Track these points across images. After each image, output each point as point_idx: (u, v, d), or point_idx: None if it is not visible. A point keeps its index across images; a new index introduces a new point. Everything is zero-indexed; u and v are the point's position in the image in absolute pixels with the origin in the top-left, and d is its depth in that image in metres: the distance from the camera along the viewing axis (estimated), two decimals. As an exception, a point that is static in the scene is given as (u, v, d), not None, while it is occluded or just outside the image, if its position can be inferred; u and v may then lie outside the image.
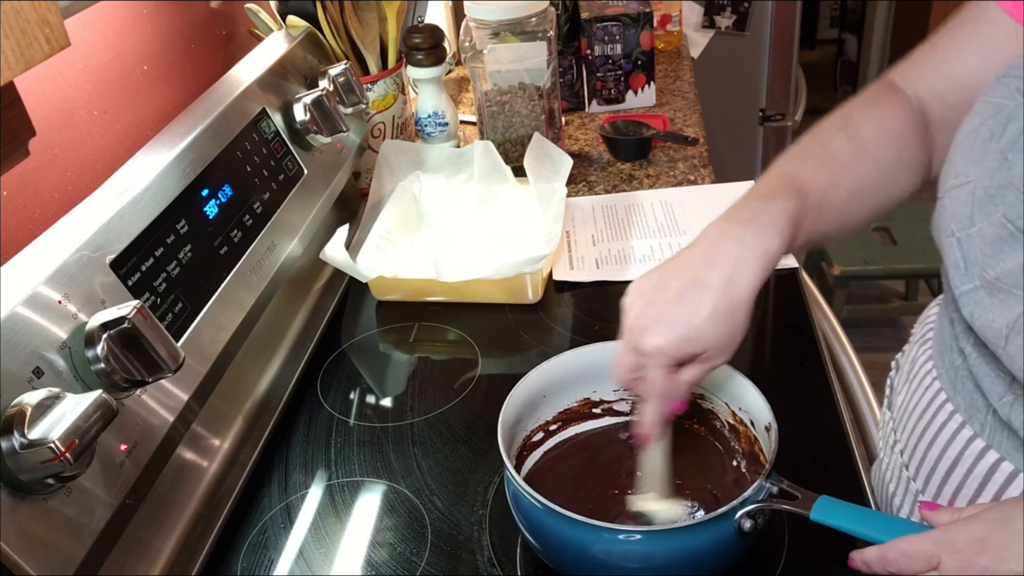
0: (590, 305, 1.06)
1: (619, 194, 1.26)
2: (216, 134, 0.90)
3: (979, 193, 0.58)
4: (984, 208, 0.57)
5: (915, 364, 0.74)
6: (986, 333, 0.57)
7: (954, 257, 0.60)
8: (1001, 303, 0.55)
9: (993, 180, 0.57)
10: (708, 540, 0.62)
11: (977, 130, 0.60)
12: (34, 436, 0.54)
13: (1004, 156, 0.56)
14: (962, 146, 0.61)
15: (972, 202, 0.58)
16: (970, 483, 0.64)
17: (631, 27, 1.47)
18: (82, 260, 0.67)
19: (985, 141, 0.59)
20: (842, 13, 4.35)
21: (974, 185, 0.58)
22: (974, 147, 0.60)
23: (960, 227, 0.59)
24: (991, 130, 0.58)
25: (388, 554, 0.75)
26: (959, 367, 0.65)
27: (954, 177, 0.61)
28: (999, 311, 0.55)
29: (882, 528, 0.58)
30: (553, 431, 0.79)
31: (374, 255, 1.04)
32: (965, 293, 0.59)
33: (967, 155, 0.60)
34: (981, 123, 0.60)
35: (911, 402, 0.72)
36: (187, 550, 0.75)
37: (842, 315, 2.45)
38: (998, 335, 0.55)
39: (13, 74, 0.44)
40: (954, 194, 0.60)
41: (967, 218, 0.58)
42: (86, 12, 0.89)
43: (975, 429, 0.64)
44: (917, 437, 0.70)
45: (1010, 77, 0.59)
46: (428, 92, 1.31)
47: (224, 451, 0.84)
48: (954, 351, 0.66)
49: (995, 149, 0.57)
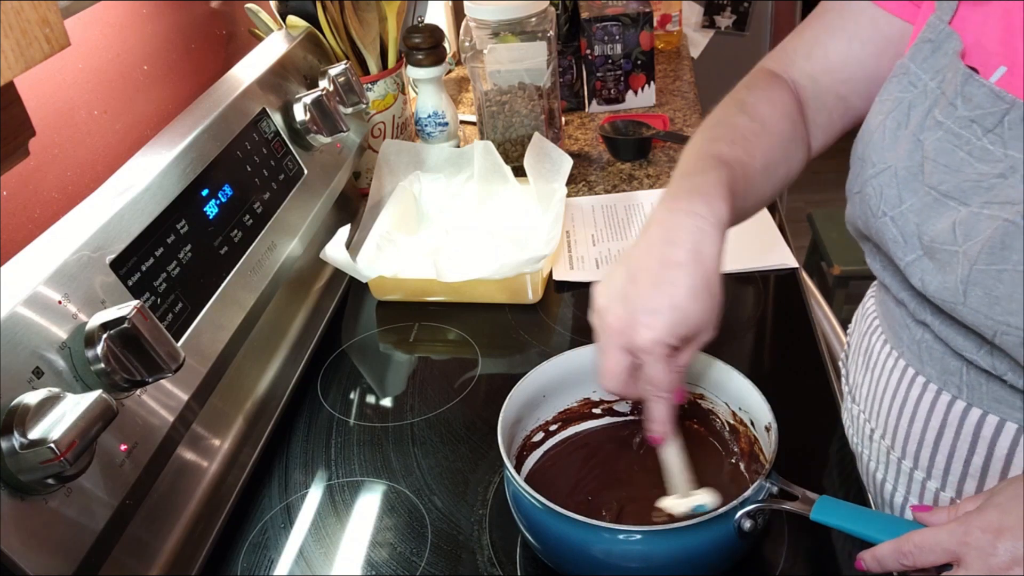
0: (590, 305, 1.06)
1: (619, 194, 1.26)
2: (216, 134, 0.90)
3: (901, 174, 0.64)
4: (910, 185, 0.63)
5: (871, 353, 0.76)
6: (942, 295, 0.60)
7: (892, 234, 0.65)
8: (943, 263, 0.60)
9: (912, 160, 0.63)
10: (708, 540, 0.62)
11: (883, 124, 0.66)
12: (34, 436, 0.54)
13: (916, 137, 0.63)
14: (872, 140, 0.67)
15: (897, 183, 0.64)
16: (961, 444, 0.66)
17: (631, 27, 1.47)
18: (82, 260, 0.67)
19: (893, 131, 0.65)
20: (842, 13, 4.35)
21: (895, 168, 0.64)
22: (884, 138, 0.66)
23: (891, 207, 0.65)
24: (897, 120, 0.65)
25: (388, 554, 0.75)
26: (922, 339, 0.68)
27: (871, 167, 0.67)
28: (946, 272, 0.60)
29: (882, 528, 0.58)
30: (553, 431, 0.79)
31: (374, 255, 1.04)
32: (911, 263, 0.63)
33: (880, 146, 0.66)
34: (885, 117, 0.66)
35: (878, 388, 0.75)
36: (187, 550, 0.75)
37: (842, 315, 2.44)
38: (955, 292, 0.59)
39: (13, 74, 0.44)
40: (875, 182, 0.66)
41: (895, 198, 0.64)
42: (86, 12, 0.89)
43: (952, 392, 0.66)
44: (896, 417, 0.72)
45: (899, 76, 0.67)
46: (428, 92, 1.31)
47: (224, 451, 0.84)
48: (913, 327, 0.69)
49: (906, 135, 0.64)
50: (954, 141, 0.60)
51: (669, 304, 0.61)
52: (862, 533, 0.58)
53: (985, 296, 0.58)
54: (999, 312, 0.57)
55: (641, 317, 0.62)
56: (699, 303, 0.62)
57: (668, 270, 0.62)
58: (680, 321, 0.61)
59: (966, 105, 0.60)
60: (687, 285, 0.61)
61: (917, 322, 0.68)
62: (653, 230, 0.64)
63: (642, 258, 0.64)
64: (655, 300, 0.62)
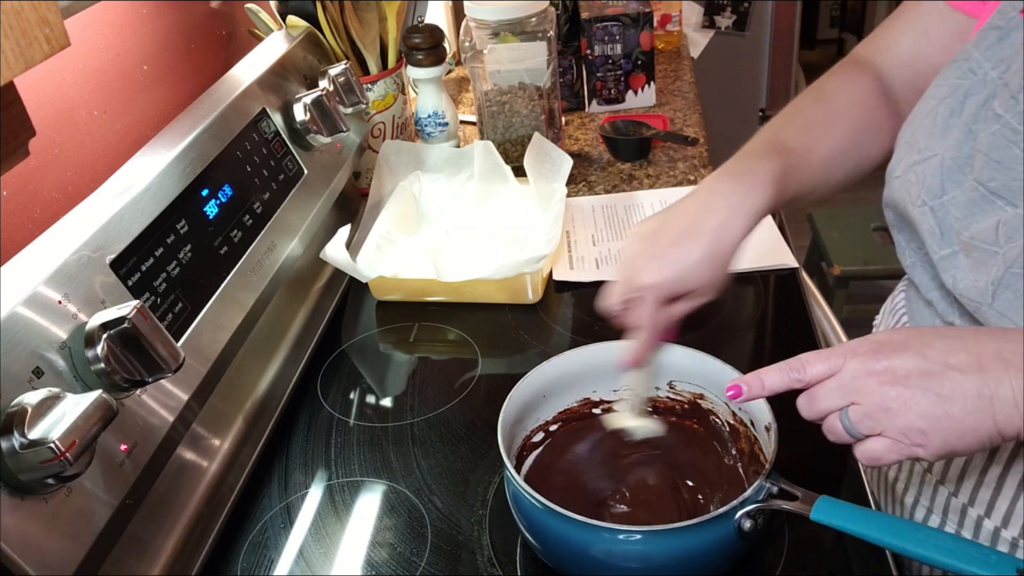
0: (590, 305, 1.06)
1: (619, 194, 1.26)
2: (216, 134, 0.90)
3: (947, 164, 0.63)
4: (954, 177, 0.62)
5: None
6: (970, 294, 0.60)
7: (929, 225, 0.64)
8: (978, 262, 0.60)
9: (961, 151, 0.62)
10: (708, 540, 0.62)
11: (935, 110, 0.65)
12: (34, 436, 0.54)
13: (968, 128, 0.62)
14: (921, 126, 0.67)
15: (941, 173, 0.63)
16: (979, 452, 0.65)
17: (631, 27, 1.47)
18: (82, 260, 0.67)
19: (945, 118, 0.64)
20: (842, 13, 4.35)
21: (941, 158, 0.63)
22: (935, 125, 0.65)
23: (932, 196, 0.64)
24: (950, 107, 0.64)
25: (388, 554, 0.75)
26: None
27: (917, 153, 0.66)
28: (979, 271, 0.60)
29: (882, 528, 0.58)
30: (553, 431, 0.79)
31: (374, 255, 1.04)
32: (944, 258, 0.63)
33: (929, 133, 0.66)
34: (938, 103, 0.65)
35: None
36: (187, 550, 0.75)
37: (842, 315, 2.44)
38: (983, 293, 0.59)
39: (13, 74, 0.44)
40: (919, 168, 0.66)
41: (938, 188, 0.63)
42: (86, 12, 0.89)
43: None
44: None
45: (960, 61, 0.65)
46: (428, 92, 1.31)
47: (224, 451, 0.84)
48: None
49: (958, 123, 0.63)
50: (1011, 137, 0.58)
51: (678, 263, 0.70)
52: (862, 533, 0.58)
53: (1015, 299, 0.57)
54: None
55: (651, 262, 0.70)
56: (704, 270, 0.70)
57: (689, 236, 0.70)
58: (680, 279, 0.70)
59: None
60: (699, 253, 0.69)
61: (945, 323, 0.68)
62: (695, 199, 0.72)
63: (676, 216, 0.72)
64: (667, 254, 0.70)
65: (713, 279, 0.71)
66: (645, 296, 0.71)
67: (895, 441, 0.54)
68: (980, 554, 0.54)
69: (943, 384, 0.52)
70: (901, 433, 0.54)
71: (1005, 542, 0.65)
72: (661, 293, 0.70)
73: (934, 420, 0.52)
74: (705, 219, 0.70)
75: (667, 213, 0.73)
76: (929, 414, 0.52)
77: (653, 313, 0.71)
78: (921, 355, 0.53)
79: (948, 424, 0.52)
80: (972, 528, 0.67)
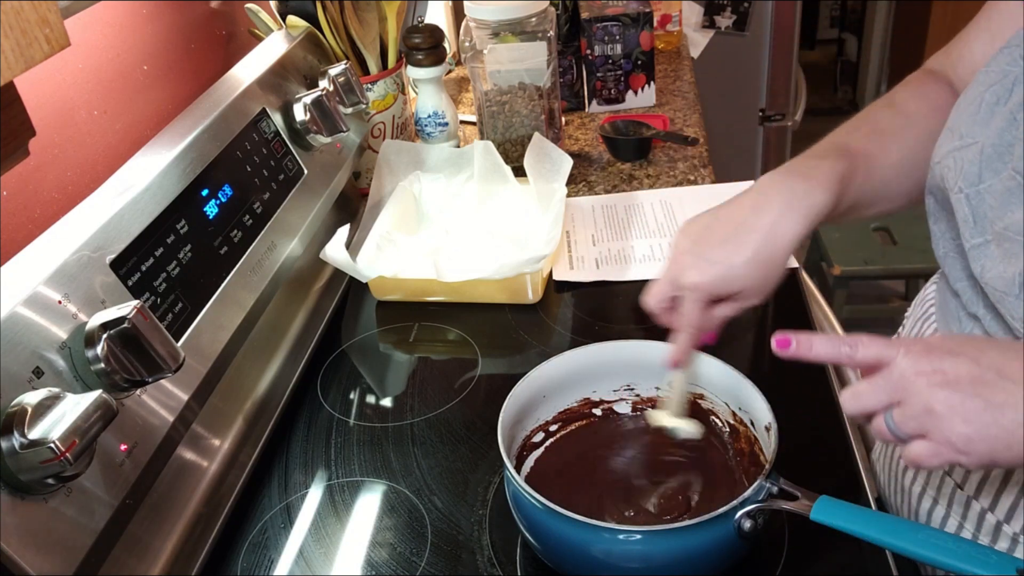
0: (590, 305, 1.06)
1: (619, 194, 1.26)
2: (216, 134, 0.90)
3: (987, 152, 0.61)
4: (992, 165, 0.60)
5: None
6: (996, 284, 0.59)
7: (963, 213, 0.63)
8: (1008, 252, 0.58)
9: (1002, 139, 0.60)
10: (708, 540, 0.62)
11: (982, 96, 0.63)
12: (34, 436, 0.54)
13: (1013, 116, 0.60)
14: (966, 111, 0.65)
15: (980, 160, 0.61)
16: None
17: (631, 27, 1.47)
18: (82, 260, 0.67)
19: (991, 105, 0.62)
20: (842, 13, 4.35)
21: (981, 145, 0.62)
22: (979, 111, 0.63)
23: (968, 184, 0.62)
24: (996, 95, 0.62)
25: (388, 554, 0.75)
26: (971, 334, 0.67)
27: (959, 139, 0.64)
28: (1010, 262, 0.58)
29: (882, 528, 0.58)
30: (553, 431, 0.79)
31: (374, 255, 1.04)
32: (976, 247, 0.62)
33: (972, 119, 0.63)
34: (985, 89, 0.63)
35: None
36: (187, 550, 0.75)
37: (842, 315, 2.45)
38: (1010, 283, 0.58)
39: (13, 74, 0.44)
40: (959, 155, 0.64)
41: (975, 175, 0.62)
42: (86, 12, 0.89)
43: None
44: None
45: (1012, 47, 0.63)
46: (428, 92, 1.31)
47: (224, 451, 0.84)
48: (964, 319, 0.68)
49: (1003, 111, 0.61)
50: None
51: (726, 262, 0.66)
52: (862, 533, 0.58)
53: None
54: None
55: (696, 261, 0.67)
56: (753, 271, 0.66)
57: (741, 234, 0.67)
58: (728, 279, 0.67)
59: None
60: (749, 252, 0.66)
61: (969, 315, 0.67)
62: (749, 196, 0.69)
63: (727, 213, 0.69)
64: (716, 253, 0.67)
65: (762, 282, 0.67)
66: (688, 296, 0.68)
67: (939, 445, 0.52)
68: (980, 554, 0.54)
69: (995, 392, 0.51)
70: (945, 438, 0.52)
71: (1007, 537, 0.65)
72: (704, 294, 0.68)
73: (982, 428, 0.51)
74: (757, 217, 0.66)
75: (718, 210, 0.70)
76: (977, 421, 0.51)
77: (696, 314, 0.68)
78: (974, 361, 0.52)
79: (996, 433, 0.51)
80: (975, 521, 0.67)
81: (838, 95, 4.18)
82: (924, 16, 3.40)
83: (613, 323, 1.03)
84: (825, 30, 4.45)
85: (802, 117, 2.39)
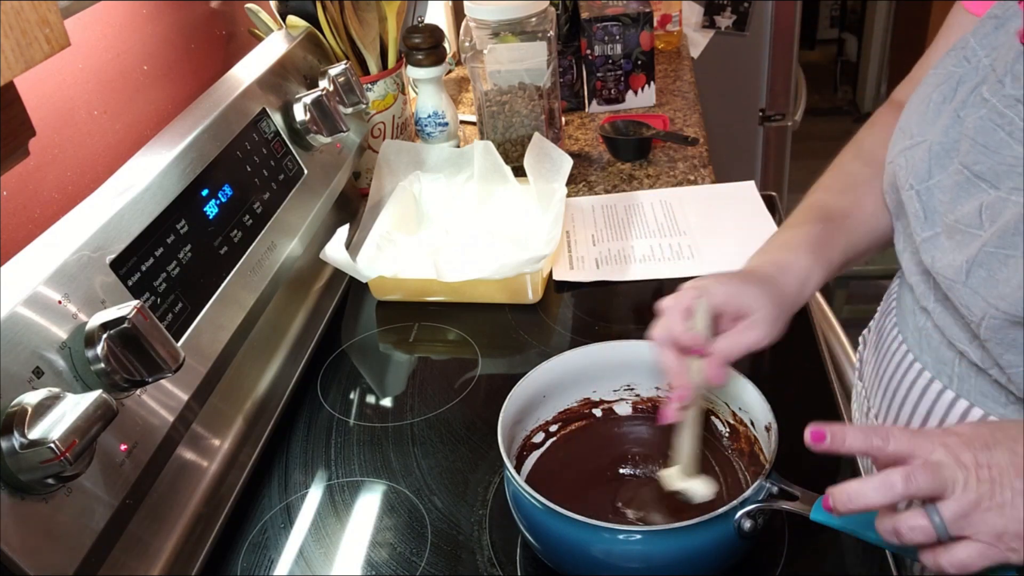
0: (590, 305, 1.06)
1: (619, 194, 1.26)
2: (216, 134, 0.90)
3: (935, 149, 0.64)
4: (940, 162, 0.63)
5: (882, 334, 0.79)
6: (946, 272, 0.61)
7: (914, 208, 0.65)
8: (959, 243, 0.61)
9: (948, 136, 0.63)
10: (708, 540, 0.62)
11: (929, 96, 0.66)
12: (34, 436, 0.54)
13: (957, 114, 0.63)
14: (916, 112, 0.68)
15: (929, 158, 0.64)
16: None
17: (631, 27, 1.47)
18: (82, 260, 0.67)
19: (938, 104, 0.65)
20: (842, 13, 4.35)
21: (929, 143, 0.64)
22: (927, 111, 0.66)
23: (919, 180, 0.65)
24: (943, 94, 0.65)
25: (388, 554, 0.75)
26: (923, 327, 0.70)
27: (909, 139, 0.67)
28: (958, 251, 0.60)
29: (882, 528, 0.58)
30: (553, 431, 0.79)
31: (374, 255, 1.04)
32: (926, 240, 0.64)
33: (921, 119, 0.66)
34: (933, 90, 0.66)
35: (880, 368, 0.77)
36: (187, 550, 0.75)
37: (842, 315, 2.44)
38: (958, 271, 0.60)
39: (13, 74, 0.44)
40: (909, 153, 0.67)
41: (925, 172, 0.64)
42: (86, 12, 0.89)
43: (944, 383, 0.68)
44: (889, 399, 0.74)
45: (957, 49, 0.66)
46: (428, 92, 1.31)
47: (224, 451, 0.84)
48: (917, 314, 0.70)
49: (948, 110, 0.64)
50: (997, 120, 0.59)
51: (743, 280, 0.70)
52: (862, 533, 0.58)
53: (988, 278, 0.58)
54: (994, 296, 0.57)
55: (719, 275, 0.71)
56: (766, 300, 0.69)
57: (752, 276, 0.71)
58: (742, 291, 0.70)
59: (1015, 83, 0.58)
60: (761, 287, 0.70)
61: (921, 308, 0.69)
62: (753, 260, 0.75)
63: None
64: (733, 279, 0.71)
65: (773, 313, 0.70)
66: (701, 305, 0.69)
67: (988, 546, 0.50)
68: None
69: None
70: (995, 536, 0.50)
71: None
72: (719, 297, 0.70)
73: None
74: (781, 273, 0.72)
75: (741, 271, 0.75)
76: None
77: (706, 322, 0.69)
78: (1011, 451, 0.51)
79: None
80: None
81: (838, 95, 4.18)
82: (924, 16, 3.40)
83: (613, 323, 1.03)
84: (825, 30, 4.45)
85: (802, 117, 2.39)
